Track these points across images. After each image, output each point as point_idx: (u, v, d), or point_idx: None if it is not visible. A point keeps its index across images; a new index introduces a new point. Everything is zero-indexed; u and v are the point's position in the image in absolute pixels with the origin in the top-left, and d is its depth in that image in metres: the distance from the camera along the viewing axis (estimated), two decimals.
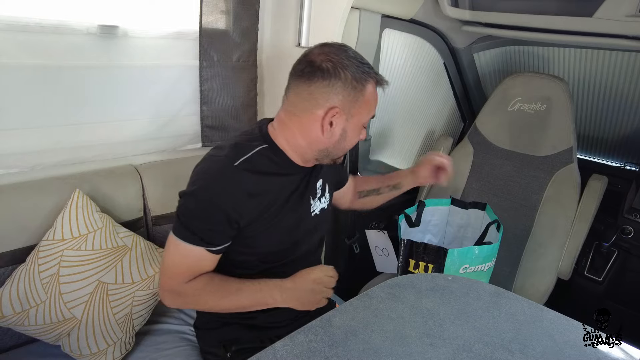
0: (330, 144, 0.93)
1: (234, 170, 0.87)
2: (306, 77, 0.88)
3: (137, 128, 1.31)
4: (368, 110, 0.93)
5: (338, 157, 0.98)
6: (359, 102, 0.90)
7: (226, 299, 0.92)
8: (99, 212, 1.09)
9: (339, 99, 0.88)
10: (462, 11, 1.49)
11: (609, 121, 1.83)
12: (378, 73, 0.92)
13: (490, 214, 1.41)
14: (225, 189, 0.86)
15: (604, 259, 1.67)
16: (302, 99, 0.89)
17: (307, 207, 1.00)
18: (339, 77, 0.86)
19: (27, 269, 1.00)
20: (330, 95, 0.87)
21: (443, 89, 2.04)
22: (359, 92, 0.89)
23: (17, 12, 1.02)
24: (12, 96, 1.07)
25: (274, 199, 0.91)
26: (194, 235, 0.86)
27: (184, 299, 0.93)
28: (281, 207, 0.93)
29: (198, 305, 0.96)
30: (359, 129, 0.95)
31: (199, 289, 0.90)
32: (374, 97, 0.93)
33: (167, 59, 1.31)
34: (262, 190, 0.90)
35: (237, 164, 0.88)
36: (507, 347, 0.70)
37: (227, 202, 0.85)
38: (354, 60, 0.88)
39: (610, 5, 1.17)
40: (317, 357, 0.65)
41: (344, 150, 0.96)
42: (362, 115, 0.92)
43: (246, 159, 0.89)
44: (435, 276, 0.91)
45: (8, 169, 1.10)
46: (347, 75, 0.87)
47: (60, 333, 1.02)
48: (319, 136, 0.91)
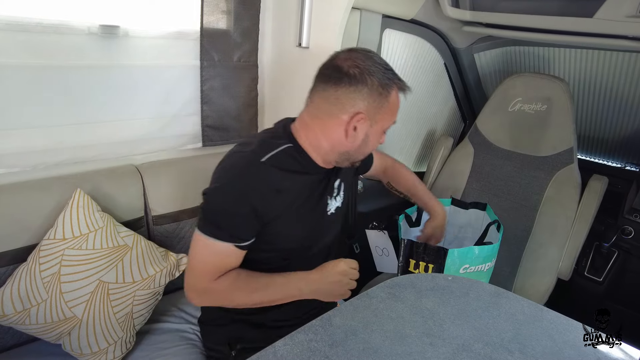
0: (352, 148, 0.94)
1: (261, 166, 0.89)
2: (333, 82, 0.89)
3: (138, 128, 1.32)
4: (391, 116, 0.95)
5: (357, 160, 1.00)
6: (384, 108, 0.91)
7: (255, 295, 0.93)
8: (100, 211, 1.09)
9: (364, 105, 0.89)
10: (462, 12, 1.49)
11: (610, 121, 1.83)
12: (402, 80, 0.94)
13: (491, 214, 1.41)
14: (253, 184, 0.87)
15: (604, 259, 1.67)
16: (328, 103, 0.91)
17: (324, 206, 1.02)
18: (365, 83, 0.88)
19: (29, 268, 1.00)
20: (357, 101, 0.89)
21: (444, 89, 2.04)
22: (384, 98, 0.90)
23: (19, 12, 1.02)
24: (14, 96, 1.07)
25: (296, 197, 0.93)
26: (222, 231, 0.87)
27: (213, 297, 0.93)
28: (302, 206, 0.95)
29: (226, 302, 0.95)
30: (380, 134, 0.97)
31: (227, 285, 0.91)
32: (397, 103, 0.95)
33: (168, 59, 1.31)
34: (287, 187, 0.91)
35: (264, 159, 0.89)
36: (506, 346, 0.70)
37: (255, 196, 0.87)
38: (380, 66, 0.90)
39: (611, 5, 1.17)
40: (317, 356, 0.65)
41: (364, 154, 0.98)
42: (385, 121, 0.94)
43: (273, 155, 0.91)
44: (435, 276, 0.91)
45: (10, 168, 1.10)
46: (374, 81, 0.88)
47: (61, 332, 1.02)
48: (342, 140, 0.92)
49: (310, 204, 0.98)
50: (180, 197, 1.31)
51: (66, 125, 1.18)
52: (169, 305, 1.28)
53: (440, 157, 1.91)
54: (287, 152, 0.93)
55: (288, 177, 0.92)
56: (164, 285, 1.13)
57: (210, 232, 0.87)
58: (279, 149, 0.92)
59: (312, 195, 0.98)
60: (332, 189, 1.04)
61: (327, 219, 1.04)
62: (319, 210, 1.01)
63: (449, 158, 1.88)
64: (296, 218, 0.95)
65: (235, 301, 0.94)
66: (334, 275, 0.97)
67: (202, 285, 0.91)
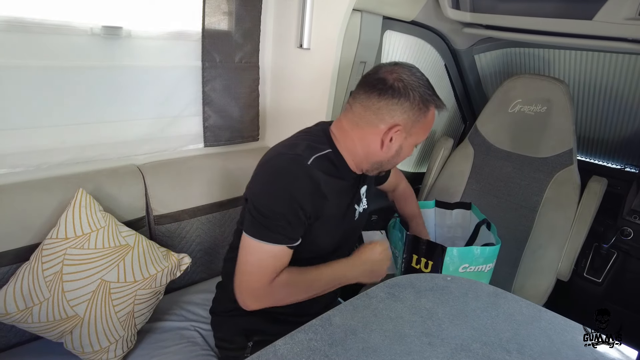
0: (386, 159, 0.98)
1: (308, 169, 0.91)
2: (377, 93, 0.91)
3: (140, 128, 1.32)
4: (425, 132, 0.98)
5: (387, 169, 1.05)
6: (420, 123, 0.94)
7: (310, 289, 0.96)
8: (102, 211, 1.10)
9: (403, 118, 0.92)
10: (463, 13, 1.50)
11: (609, 123, 1.84)
12: (440, 98, 0.97)
13: (477, 213, 1.42)
14: (301, 185, 0.89)
15: (603, 260, 1.67)
16: (369, 112, 0.93)
17: (352, 211, 1.06)
18: (407, 97, 0.91)
19: (31, 267, 1.01)
20: (397, 113, 0.91)
21: (444, 90, 2.05)
22: (422, 114, 0.93)
23: (22, 13, 1.03)
24: (17, 96, 1.08)
25: (334, 201, 0.96)
26: (276, 234, 0.88)
27: (270, 299, 0.94)
28: (337, 211, 0.98)
29: (283, 302, 0.96)
30: (412, 147, 1.00)
31: (284, 286, 0.93)
32: (433, 120, 0.98)
33: (170, 60, 1.32)
34: (328, 190, 0.93)
35: (310, 162, 0.91)
36: (504, 346, 0.71)
37: (304, 198, 0.89)
38: (423, 82, 0.93)
39: (610, 8, 1.18)
40: (317, 355, 0.66)
41: (394, 165, 1.02)
42: (419, 135, 0.97)
43: (317, 157, 0.93)
44: (435, 276, 0.92)
45: (13, 168, 1.11)
46: (416, 96, 0.91)
47: (63, 331, 1.03)
48: (377, 149, 0.95)
49: (342, 210, 1.01)
50: (181, 197, 1.32)
51: (68, 125, 1.19)
52: (170, 305, 1.29)
53: (440, 157, 1.92)
54: (329, 157, 0.96)
55: (329, 181, 0.94)
56: (165, 284, 1.14)
57: (265, 236, 0.89)
58: (321, 152, 0.95)
59: (345, 202, 1.02)
60: (359, 196, 1.08)
61: (354, 223, 1.08)
62: (349, 216, 1.04)
63: (449, 159, 1.89)
64: (332, 223, 0.98)
65: (291, 299, 0.96)
66: (375, 255, 1.03)
67: (259, 289, 0.92)
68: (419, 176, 2.18)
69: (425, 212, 1.58)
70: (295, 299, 0.96)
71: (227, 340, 1.08)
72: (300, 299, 0.97)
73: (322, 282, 0.97)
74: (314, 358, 0.65)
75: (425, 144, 2.19)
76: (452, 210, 1.53)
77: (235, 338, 1.07)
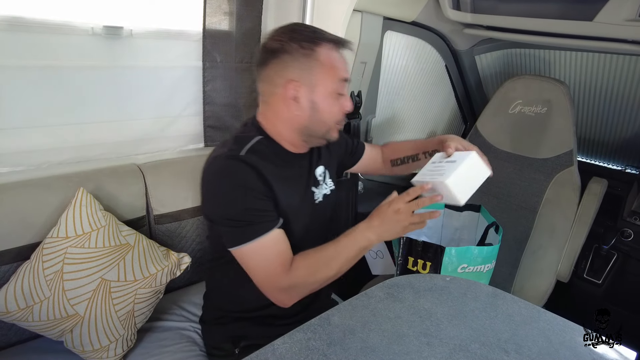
0: (305, 120, 0.93)
1: (243, 159, 0.89)
2: (263, 63, 0.92)
3: (141, 128, 1.33)
4: (332, 75, 0.91)
5: (324, 134, 0.97)
6: (316, 69, 0.89)
7: (333, 264, 0.91)
8: (102, 210, 1.10)
9: (293, 72, 0.89)
10: (463, 14, 1.50)
11: (610, 124, 1.83)
12: (332, 35, 0.92)
13: (486, 215, 1.41)
14: (246, 174, 0.88)
15: (603, 261, 1.67)
16: (266, 84, 0.94)
17: (310, 196, 1.03)
18: (286, 51, 0.89)
19: (32, 265, 1.01)
20: (284, 71, 0.90)
21: (444, 90, 2.05)
22: (311, 58, 0.89)
23: (23, 12, 1.04)
24: (18, 96, 1.08)
25: (282, 187, 0.93)
26: (258, 225, 0.87)
27: (300, 288, 0.91)
28: (289, 195, 0.95)
29: (313, 286, 0.93)
30: (332, 97, 0.93)
31: (305, 270, 0.90)
32: (333, 59, 0.91)
33: (171, 60, 1.32)
34: (272, 175, 0.91)
35: (242, 153, 0.90)
36: (503, 347, 0.71)
37: (254, 182, 0.88)
38: (304, 31, 0.90)
39: (611, 9, 1.18)
40: (316, 354, 0.66)
41: (324, 123, 0.95)
42: (326, 81, 0.91)
43: (250, 148, 0.92)
44: (434, 276, 0.92)
45: (14, 167, 1.12)
46: (293, 45, 0.88)
47: (64, 329, 1.04)
48: (289, 114, 0.93)
49: (298, 194, 0.98)
50: (181, 196, 1.32)
51: (70, 124, 1.19)
52: (169, 304, 1.29)
53: None
54: (261, 143, 0.94)
55: (267, 166, 0.91)
56: (165, 283, 1.14)
57: (250, 235, 0.87)
58: (253, 141, 0.93)
59: (297, 184, 0.99)
60: (314, 179, 1.04)
61: (317, 208, 1.05)
62: (306, 201, 1.02)
63: None
64: (285, 207, 0.94)
65: (320, 280, 0.92)
66: (390, 214, 0.90)
67: (285, 282, 0.89)
68: None
69: None
70: (324, 279, 0.92)
71: (216, 348, 1.08)
72: (329, 277, 0.92)
73: (343, 254, 0.91)
74: (312, 357, 0.65)
75: None
76: (461, 212, 1.53)
77: (223, 345, 1.06)
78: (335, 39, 0.91)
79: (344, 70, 0.93)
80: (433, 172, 0.92)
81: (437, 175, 0.89)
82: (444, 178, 0.86)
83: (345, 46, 0.93)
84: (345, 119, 1.01)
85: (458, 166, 0.87)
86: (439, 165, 0.94)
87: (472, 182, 0.90)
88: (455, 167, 0.88)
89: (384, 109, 1.82)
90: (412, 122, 2.04)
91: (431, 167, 0.96)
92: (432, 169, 0.95)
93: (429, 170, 0.95)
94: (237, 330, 1.04)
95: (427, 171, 0.95)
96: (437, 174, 0.90)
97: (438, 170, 0.92)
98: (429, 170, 0.95)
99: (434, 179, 0.89)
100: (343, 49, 0.93)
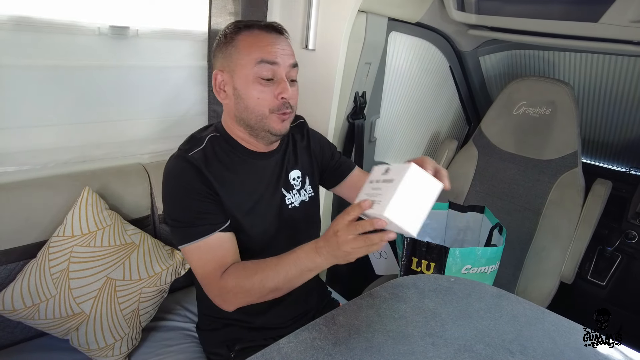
0: (233, 109, 0.91)
1: (188, 158, 0.88)
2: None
3: (146, 127, 1.34)
4: (248, 58, 0.86)
5: (261, 124, 0.90)
6: (234, 55, 0.87)
7: (269, 281, 0.80)
8: (107, 209, 1.11)
9: (218, 62, 0.91)
10: (468, 15, 1.50)
11: (614, 126, 1.83)
12: (254, 20, 0.91)
13: (490, 217, 1.41)
14: (187, 174, 0.86)
15: (607, 263, 1.67)
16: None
17: (279, 197, 0.99)
18: (215, 44, 0.91)
19: (38, 264, 1.02)
20: (215, 64, 0.92)
21: (448, 91, 2.05)
22: (230, 45, 0.88)
23: (31, 12, 1.04)
24: (24, 95, 1.09)
25: (231, 185, 0.91)
26: (199, 227, 0.85)
27: (231, 295, 0.84)
28: (240, 196, 0.92)
29: (250, 297, 0.83)
30: (250, 81, 0.87)
31: (233, 282, 0.83)
32: (250, 41, 0.87)
33: (176, 60, 1.33)
34: (216, 174, 0.89)
35: (191, 154, 0.89)
36: (508, 348, 0.71)
37: (193, 181, 0.86)
38: (240, 23, 0.90)
39: (616, 11, 1.18)
40: (321, 354, 0.66)
41: (252, 111, 0.89)
42: (243, 64, 0.86)
43: (201, 147, 0.91)
44: (438, 277, 0.92)
45: (20, 166, 1.12)
46: (220, 38, 0.90)
47: (69, 327, 1.04)
48: (225, 106, 0.93)
49: (256, 197, 0.94)
50: None
51: (76, 124, 1.20)
52: (173, 304, 1.30)
53: (444, 159, 1.92)
54: (214, 141, 0.93)
55: (218, 167, 0.90)
56: (170, 282, 1.15)
57: (190, 236, 0.85)
58: (205, 140, 0.92)
59: (257, 188, 0.95)
60: (286, 182, 1.01)
61: (290, 212, 1.00)
62: (274, 203, 0.98)
63: (453, 161, 1.89)
64: (250, 207, 0.93)
65: (253, 291, 0.82)
66: (331, 236, 0.74)
67: (216, 288, 0.85)
68: None
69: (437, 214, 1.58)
70: (257, 288, 0.81)
71: (213, 353, 1.08)
72: (264, 288, 0.81)
73: (282, 271, 0.79)
74: (317, 357, 0.66)
75: (430, 145, 2.19)
76: (465, 213, 1.53)
77: (218, 350, 1.05)
78: (264, 24, 0.89)
79: (266, 52, 0.86)
80: (372, 196, 0.72)
81: (376, 203, 0.69)
82: (381, 209, 0.66)
83: (274, 30, 0.89)
84: (349, 120, 0.97)
85: (396, 188, 0.67)
86: (377, 186, 0.73)
87: (420, 203, 0.68)
88: (393, 189, 0.67)
89: (388, 109, 1.82)
90: (416, 123, 2.04)
91: (369, 188, 0.75)
92: (370, 191, 0.74)
93: (366, 194, 0.74)
94: (230, 334, 1.04)
95: (364, 195, 0.74)
96: (376, 199, 0.70)
97: (377, 194, 0.71)
98: (366, 194, 0.74)
99: (372, 208, 0.69)
100: (274, 33, 0.89)
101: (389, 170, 0.73)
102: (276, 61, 0.86)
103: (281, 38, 0.90)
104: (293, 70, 0.91)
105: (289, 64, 0.89)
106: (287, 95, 0.88)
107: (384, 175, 0.74)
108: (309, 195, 1.06)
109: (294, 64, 0.91)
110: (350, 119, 1.55)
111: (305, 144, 1.09)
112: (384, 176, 0.73)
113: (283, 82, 0.88)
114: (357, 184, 1.12)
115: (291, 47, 0.92)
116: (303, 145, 1.08)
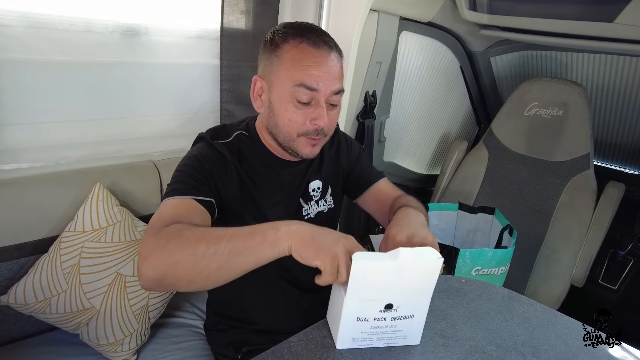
0: (267, 121, 0.85)
1: (215, 145, 0.85)
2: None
3: (158, 125, 1.34)
4: (290, 73, 0.77)
5: (288, 143, 0.84)
6: (276, 64, 0.79)
7: (217, 233, 0.63)
8: (118, 205, 1.11)
9: (261, 68, 0.84)
10: (480, 15, 1.49)
11: (628, 127, 1.81)
12: (308, 26, 0.80)
13: (500, 218, 1.40)
14: (207, 154, 0.84)
15: (619, 267, 1.65)
16: None
17: (295, 208, 0.95)
18: (263, 46, 0.83)
19: (50, 258, 1.03)
20: (258, 67, 0.85)
21: (459, 92, 2.04)
22: (274, 54, 0.79)
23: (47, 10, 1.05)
24: (37, 92, 1.10)
25: (255, 185, 0.88)
26: (180, 185, 0.77)
27: (162, 244, 0.63)
28: (267, 198, 0.89)
29: (180, 250, 0.62)
30: (285, 100, 0.79)
31: (182, 226, 0.67)
32: (294, 55, 0.77)
33: (189, 58, 1.34)
34: (242, 168, 0.86)
35: (215, 143, 0.86)
36: (519, 350, 0.70)
37: (208, 164, 0.82)
38: (292, 28, 0.80)
39: (632, 10, 1.16)
40: (331, 352, 0.66)
41: (281, 130, 0.83)
42: (282, 80, 0.78)
43: (227, 142, 0.88)
44: (449, 278, 0.92)
45: (33, 162, 1.14)
46: (268, 40, 0.82)
47: (80, 322, 1.05)
48: (260, 113, 0.88)
49: (277, 201, 0.91)
50: None
51: (88, 120, 1.21)
52: (182, 301, 1.30)
53: (454, 160, 1.91)
54: (241, 138, 0.89)
55: (241, 159, 0.86)
56: None
57: (169, 193, 0.76)
58: (233, 136, 0.89)
59: (279, 192, 0.91)
60: (306, 192, 0.96)
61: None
62: (290, 212, 0.94)
63: (462, 161, 1.88)
64: (260, 210, 0.88)
65: (188, 244, 0.62)
66: (338, 234, 0.65)
67: (156, 231, 0.67)
68: (432, 178, 2.17)
69: (447, 214, 1.57)
70: (190, 241, 0.62)
71: (220, 354, 1.07)
72: (198, 242, 0.62)
73: (222, 236, 0.62)
74: (327, 355, 0.65)
75: (439, 146, 2.18)
76: (475, 214, 1.52)
77: (225, 352, 1.04)
78: (314, 37, 0.78)
79: (308, 75, 0.77)
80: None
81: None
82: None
83: (324, 45, 0.78)
84: (359, 119, 0.95)
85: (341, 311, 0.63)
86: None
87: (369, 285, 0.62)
88: (339, 313, 0.64)
89: (398, 109, 1.82)
90: (426, 123, 2.03)
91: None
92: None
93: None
94: (237, 336, 1.03)
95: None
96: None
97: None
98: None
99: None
100: (324, 50, 0.78)
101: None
102: (317, 88, 0.77)
103: (330, 56, 0.79)
104: (336, 96, 0.81)
105: (331, 90, 0.79)
106: (322, 124, 0.80)
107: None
108: (329, 207, 1.00)
109: (338, 90, 0.81)
110: (360, 118, 1.55)
111: (333, 152, 1.02)
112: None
113: (320, 109, 0.79)
114: (381, 197, 1.02)
115: (341, 65, 0.82)
116: (331, 154, 1.02)
